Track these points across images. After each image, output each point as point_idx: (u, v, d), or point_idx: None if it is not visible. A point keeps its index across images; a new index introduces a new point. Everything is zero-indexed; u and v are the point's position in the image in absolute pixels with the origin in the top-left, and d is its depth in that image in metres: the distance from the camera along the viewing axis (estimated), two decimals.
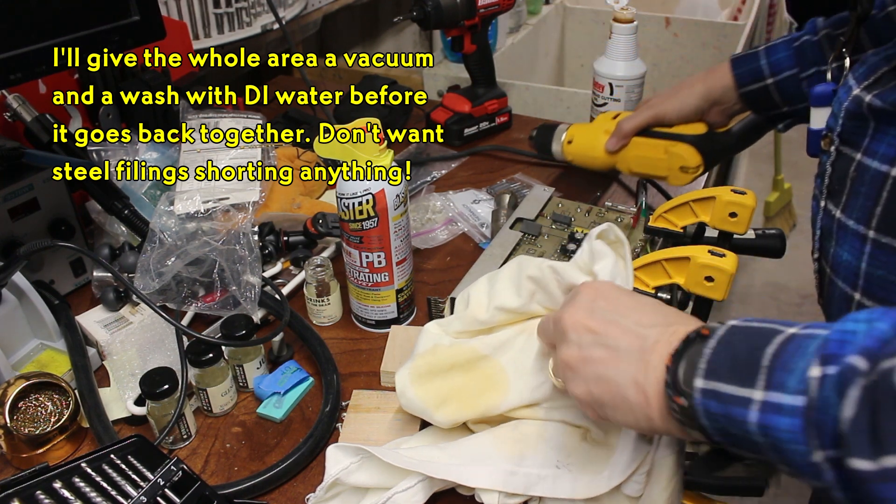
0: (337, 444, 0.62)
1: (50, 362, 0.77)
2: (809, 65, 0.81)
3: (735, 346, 0.42)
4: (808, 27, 0.82)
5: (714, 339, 0.43)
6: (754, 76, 0.84)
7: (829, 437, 0.36)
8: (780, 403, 0.38)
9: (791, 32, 0.86)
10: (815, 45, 0.80)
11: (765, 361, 0.40)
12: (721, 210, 0.71)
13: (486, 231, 0.99)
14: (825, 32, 0.80)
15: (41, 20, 0.72)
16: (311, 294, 0.83)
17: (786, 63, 0.82)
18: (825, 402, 0.36)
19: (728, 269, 0.62)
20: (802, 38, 0.82)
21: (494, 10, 1.16)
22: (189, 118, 0.97)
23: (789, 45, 0.82)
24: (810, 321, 0.42)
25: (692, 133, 0.88)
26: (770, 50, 0.84)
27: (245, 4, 1.26)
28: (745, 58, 0.86)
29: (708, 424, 0.42)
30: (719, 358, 0.42)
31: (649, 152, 0.90)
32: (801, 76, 0.81)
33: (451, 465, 0.58)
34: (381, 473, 0.59)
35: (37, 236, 0.83)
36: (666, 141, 0.89)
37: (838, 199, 0.62)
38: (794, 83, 0.82)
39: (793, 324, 0.42)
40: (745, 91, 0.85)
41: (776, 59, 0.83)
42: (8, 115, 0.87)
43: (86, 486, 0.51)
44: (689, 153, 0.87)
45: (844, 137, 0.62)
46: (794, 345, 0.39)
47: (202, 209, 0.86)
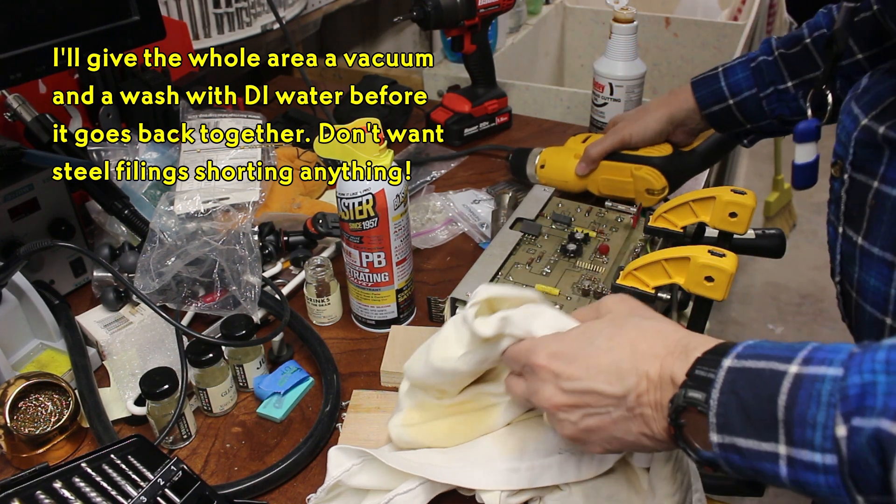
0: (339, 445, 0.62)
1: (50, 362, 0.77)
2: (767, 84, 0.84)
3: (741, 395, 0.41)
4: (764, 47, 0.85)
5: (715, 388, 0.42)
6: (716, 98, 0.87)
7: (874, 486, 0.36)
8: (811, 462, 0.38)
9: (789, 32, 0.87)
10: (772, 64, 0.83)
11: (780, 414, 0.40)
12: (721, 210, 0.71)
13: (486, 231, 0.99)
14: (779, 52, 0.83)
15: (41, 20, 0.72)
16: (311, 294, 0.83)
17: (744, 84, 0.85)
18: (861, 460, 0.36)
19: (728, 269, 0.62)
20: (759, 58, 0.85)
21: (494, 10, 1.16)
22: (189, 118, 0.97)
23: (746, 66, 0.85)
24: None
25: (657, 155, 0.91)
26: (728, 71, 0.87)
27: (245, 4, 1.26)
28: (706, 80, 0.88)
29: (733, 471, 0.43)
30: (728, 410, 0.42)
31: (616, 175, 0.93)
32: (760, 95, 0.84)
33: (452, 469, 0.58)
34: (383, 475, 0.59)
35: (37, 236, 0.83)
36: (632, 164, 0.92)
37: (858, 225, 0.62)
38: (755, 102, 0.85)
39: (790, 354, 0.41)
40: (708, 112, 0.88)
41: (735, 80, 0.86)
42: (8, 115, 0.87)
43: (86, 486, 0.51)
44: (654, 176, 0.90)
45: (857, 165, 0.62)
46: (804, 392, 0.39)
47: (202, 209, 0.86)
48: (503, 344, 0.55)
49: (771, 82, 0.84)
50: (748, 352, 0.43)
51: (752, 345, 0.44)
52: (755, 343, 0.44)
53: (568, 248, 0.81)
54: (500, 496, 0.58)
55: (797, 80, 0.82)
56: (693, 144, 0.94)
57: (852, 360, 0.39)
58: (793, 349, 0.42)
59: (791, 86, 0.83)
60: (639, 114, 0.93)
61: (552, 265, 0.79)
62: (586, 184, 0.97)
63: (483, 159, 1.19)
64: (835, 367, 0.39)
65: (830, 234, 0.68)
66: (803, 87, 0.82)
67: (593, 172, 0.95)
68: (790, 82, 0.83)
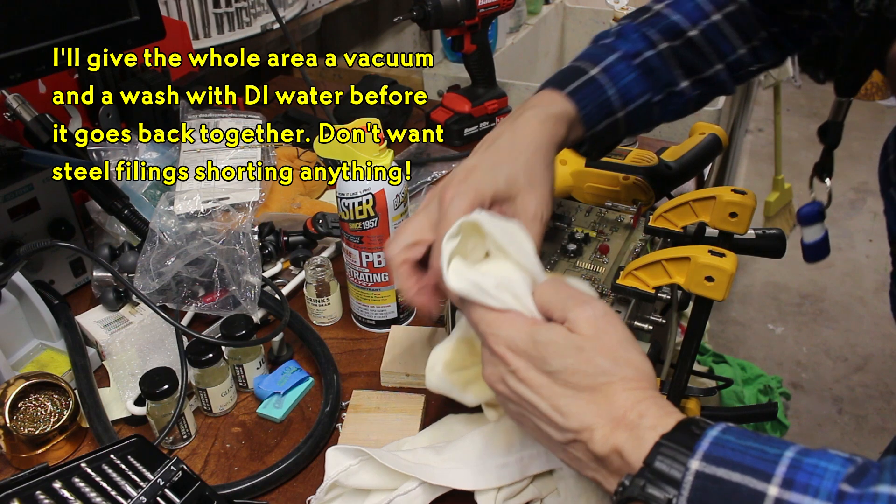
0: (337, 445, 0.62)
1: (50, 362, 0.77)
2: (661, 87, 0.70)
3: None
4: (636, 38, 0.70)
5: (682, 496, 0.39)
6: (605, 111, 0.67)
7: None
8: None
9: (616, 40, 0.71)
10: (660, 60, 0.69)
11: None
12: (721, 210, 0.71)
13: None
14: (665, 46, 0.70)
15: (41, 20, 0.72)
16: (311, 294, 0.83)
17: (637, 89, 0.68)
18: None
19: (728, 269, 0.62)
20: (642, 53, 0.69)
21: (494, 9, 1.16)
22: (189, 118, 0.97)
23: (630, 65, 0.68)
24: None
25: (645, 165, 0.91)
26: (612, 73, 0.67)
27: (245, 4, 1.26)
28: (584, 89, 0.66)
29: None
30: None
31: (603, 183, 0.93)
32: (653, 101, 0.70)
33: (445, 470, 0.58)
34: (381, 475, 0.59)
35: (37, 236, 0.83)
36: (620, 173, 0.91)
37: None
38: (645, 111, 0.70)
39: (766, 467, 0.39)
40: (592, 133, 0.67)
41: (624, 84, 0.67)
42: (8, 115, 0.86)
43: (85, 486, 0.51)
44: (643, 185, 0.90)
45: None
46: None
47: (202, 209, 0.86)
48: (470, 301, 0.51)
49: (666, 84, 0.70)
50: (718, 454, 0.40)
51: (719, 441, 0.41)
52: (721, 438, 0.41)
53: (568, 248, 0.81)
54: (495, 496, 0.57)
55: (691, 78, 0.71)
56: (677, 155, 0.94)
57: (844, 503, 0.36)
58: (767, 458, 0.39)
59: (686, 86, 0.71)
60: (498, 154, 0.60)
61: (552, 265, 0.79)
62: (571, 191, 0.97)
63: None
64: (821, 501, 0.37)
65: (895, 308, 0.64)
66: (698, 86, 0.72)
67: (578, 181, 0.94)
68: (684, 82, 0.71)
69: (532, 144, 0.60)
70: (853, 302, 2.55)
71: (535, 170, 0.59)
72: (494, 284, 0.49)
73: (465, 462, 0.59)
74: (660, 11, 0.72)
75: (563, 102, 0.64)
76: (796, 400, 2.21)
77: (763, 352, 2.38)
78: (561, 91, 0.65)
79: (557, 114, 0.63)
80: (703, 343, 2.12)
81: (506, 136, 0.61)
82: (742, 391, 2.00)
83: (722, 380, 1.69)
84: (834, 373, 2.31)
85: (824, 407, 2.20)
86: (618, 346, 0.46)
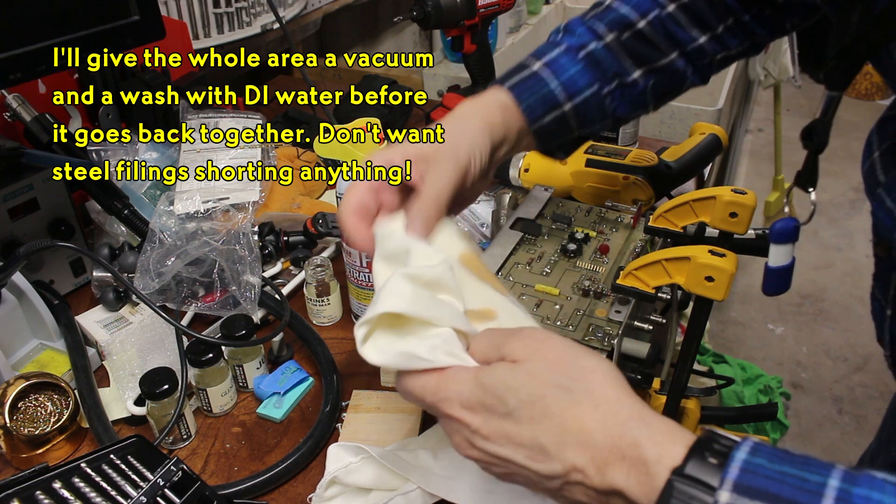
0: (338, 443, 0.62)
1: (50, 362, 0.77)
2: (610, 78, 0.68)
3: None
4: (582, 31, 0.69)
5: None
6: (548, 105, 0.66)
7: None
8: None
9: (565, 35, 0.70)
10: (607, 51, 0.68)
11: None
12: (721, 210, 0.71)
13: (486, 231, 0.99)
14: (612, 37, 0.69)
15: (41, 20, 0.72)
16: (311, 294, 0.83)
17: (582, 81, 0.67)
18: None
19: (728, 269, 0.62)
20: (587, 45, 0.68)
21: (494, 9, 1.16)
22: (189, 118, 0.97)
23: (574, 58, 0.68)
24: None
25: (645, 165, 0.90)
26: (554, 67, 0.67)
27: (245, 4, 1.26)
28: (526, 82, 0.66)
29: None
30: None
31: (603, 183, 0.93)
32: (604, 93, 0.68)
33: (441, 478, 0.58)
34: (381, 475, 0.59)
35: (37, 236, 0.83)
36: (620, 173, 0.91)
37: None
38: (595, 103, 0.68)
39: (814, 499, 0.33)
40: (538, 127, 0.66)
41: (568, 77, 0.67)
42: (8, 115, 0.87)
43: (85, 486, 0.51)
44: (643, 185, 0.90)
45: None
46: None
47: (202, 209, 0.86)
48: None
49: (615, 75, 0.69)
50: (751, 483, 0.33)
51: (750, 466, 0.34)
52: (752, 461, 0.34)
53: (568, 247, 0.81)
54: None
55: (643, 68, 0.70)
56: (677, 155, 0.94)
57: None
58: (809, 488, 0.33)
59: (638, 76, 0.70)
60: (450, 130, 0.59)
61: (552, 265, 0.79)
62: (571, 191, 0.97)
63: None
64: None
65: (876, 310, 0.63)
66: (651, 76, 0.71)
67: (579, 180, 0.94)
68: (636, 73, 0.70)
69: (461, 120, 0.60)
70: (853, 302, 2.55)
71: (456, 134, 0.58)
72: (428, 348, 0.44)
73: (460, 475, 0.59)
74: (610, 5, 0.71)
75: (501, 94, 0.65)
76: (796, 400, 2.21)
77: (763, 352, 2.38)
78: (502, 86, 0.65)
79: (491, 102, 0.63)
80: (703, 343, 2.12)
81: (443, 122, 0.60)
82: (742, 391, 2.00)
83: (722, 378, 1.69)
84: (834, 373, 2.31)
85: (824, 407, 2.20)
86: (563, 356, 0.42)
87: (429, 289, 0.46)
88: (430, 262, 0.48)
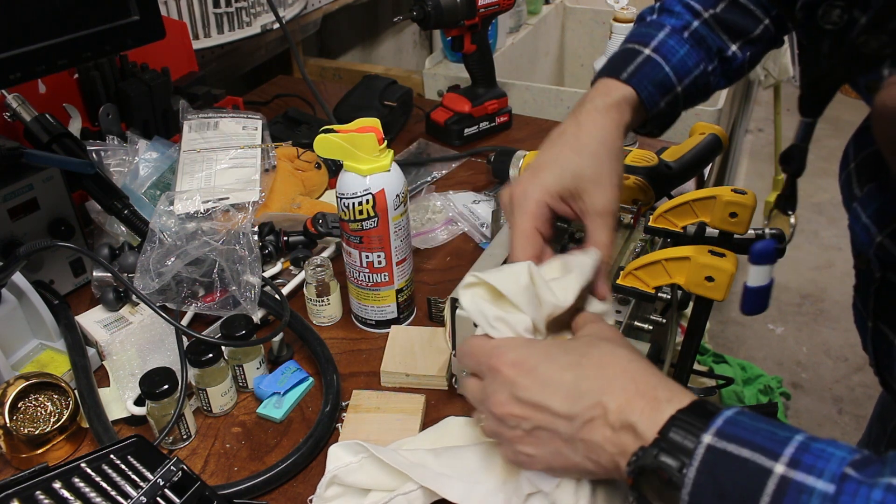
0: (339, 443, 0.62)
1: (50, 362, 0.77)
2: (713, 55, 0.70)
3: (719, 481, 0.40)
4: (680, 10, 0.70)
5: (693, 465, 0.41)
6: (664, 89, 0.67)
7: None
8: None
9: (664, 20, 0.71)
10: (707, 28, 0.69)
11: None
12: (721, 210, 0.71)
13: (486, 231, 0.99)
14: (710, 14, 0.69)
15: (41, 20, 0.72)
16: (311, 294, 0.83)
17: (690, 61, 0.68)
18: None
19: (728, 269, 0.62)
20: (690, 25, 0.69)
21: (494, 9, 1.16)
22: (189, 118, 0.97)
23: (681, 38, 0.68)
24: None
25: (644, 165, 0.90)
26: (664, 49, 0.67)
27: (245, 4, 1.26)
28: (641, 70, 0.66)
29: None
30: (703, 491, 0.41)
31: None
32: (709, 70, 0.70)
33: (438, 475, 0.58)
34: (381, 475, 0.59)
35: (37, 236, 0.83)
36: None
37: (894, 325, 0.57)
38: (703, 81, 0.70)
39: (776, 447, 0.40)
40: (656, 113, 0.68)
41: (679, 60, 0.68)
42: (8, 115, 0.86)
43: (85, 486, 0.51)
44: (643, 186, 0.89)
45: (886, 266, 0.56)
46: (789, 498, 0.38)
47: (202, 209, 0.86)
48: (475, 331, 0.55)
49: (718, 51, 0.70)
50: (730, 431, 0.42)
51: (733, 420, 0.42)
52: (735, 418, 0.43)
53: (568, 247, 0.81)
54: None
55: (740, 41, 0.70)
56: (677, 155, 0.94)
57: (846, 485, 0.38)
58: (777, 439, 0.41)
59: (736, 49, 0.70)
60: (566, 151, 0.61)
61: None
62: None
63: (483, 159, 1.19)
64: (824, 482, 0.38)
65: (859, 321, 0.63)
66: (748, 47, 0.71)
67: None
68: (734, 46, 0.70)
69: (596, 137, 0.61)
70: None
71: (601, 163, 0.60)
72: (494, 316, 0.53)
73: (460, 475, 0.58)
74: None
75: (622, 88, 0.65)
76: (796, 400, 2.21)
77: (763, 352, 2.38)
78: (617, 78, 0.65)
79: (618, 100, 0.64)
80: (703, 343, 2.12)
81: (570, 131, 0.62)
82: (742, 391, 2.00)
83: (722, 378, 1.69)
84: (834, 373, 2.31)
85: (824, 407, 2.20)
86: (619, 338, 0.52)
87: (534, 288, 0.54)
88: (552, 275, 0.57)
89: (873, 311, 0.60)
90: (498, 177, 1.06)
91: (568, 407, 0.47)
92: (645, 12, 0.73)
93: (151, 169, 0.95)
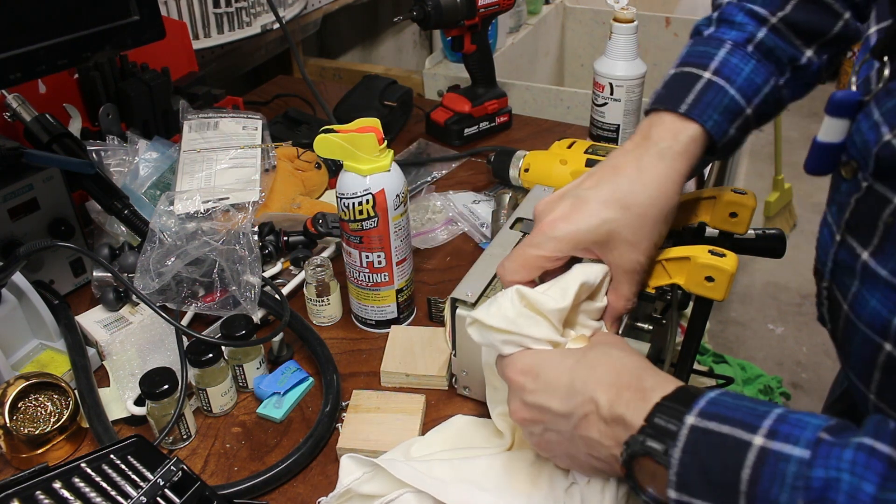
0: (351, 454, 0.62)
1: (50, 362, 0.77)
2: (785, 66, 0.61)
3: (703, 459, 0.42)
4: (741, 17, 0.61)
5: (677, 446, 0.43)
6: (731, 115, 0.59)
7: None
8: None
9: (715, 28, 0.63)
10: (776, 36, 0.61)
11: (742, 486, 0.40)
12: (721, 210, 0.71)
13: (486, 231, 0.99)
14: (780, 17, 0.60)
15: (41, 20, 0.72)
16: (311, 294, 0.83)
17: (759, 79, 0.60)
18: None
19: (728, 269, 0.62)
20: (755, 36, 0.61)
21: (494, 9, 1.16)
22: (189, 118, 0.97)
23: (744, 54, 0.60)
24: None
25: None
26: (727, 70, 0.59)
27: (245, 4, 1.26)
28: (702, 98, 0.58)
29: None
30: (688, 471, 0.42)
31: None
32: (780, 84, 0.62)
33: (461, 491, 0.58)
34: (391, 484, 0.59)
35: (37, 236, 0.83)
36: None
37: (865, 239, 0.52)
38: (774, 97, 0.62)
39: (754, 421, 0.42)
40: (726, 141, 0.59)
41: (745, 79, 0.59)
42: (8, 115, 0.86)
43: (85, 486, 0.51)
44: None
45: (879, 174, 0.50)
46: (768, 469, 0.40)
47: (202, 209, 0.86)
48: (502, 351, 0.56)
49: (790, 61, 0.61)
50: (712, 410, 0.43)
51: (715, 400, 0.44)
52: (717, 398, 0.44)
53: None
54: None
55: (815, 44, 0.61)
56: None
57: (820, 448, 0.39)
58: (757, 413, 0.42)
59: (811, 56, 0.61)
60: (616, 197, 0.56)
61: None
62: None
63: (483, 159, 1.19)
64: (800, 448, 0.39)
65: (824, 236, 0.59)
66: (824, 51, 0.62)
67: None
68: (808, 52, 0.61)
69: (652, 194, 0.56)
70: None
71: (645, 226, 0.56)
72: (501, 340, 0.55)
73: (481, 486, 0.58)
74: None
75: (688, 127, 0.57)
76: (796, 400, 2.21)
77: (763, 352, 2.38)
78: (676, 111, 0.58)
79: (686, 144, 0.57)
80: (703, 343, 2.12)
81: (628, 172, 0.57)
82: (742, 391, 2.00)
83: (722, 378, 1.69)
84: (834, 373, 2.30)
85: None
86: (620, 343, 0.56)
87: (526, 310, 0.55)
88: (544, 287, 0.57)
89: (847, 223, 0.55)
90: (498, 177, 1.06)
91: (565, 406, 0.50)
92: (701, 25, 0.65)
93: (151, 169, 0.95)
